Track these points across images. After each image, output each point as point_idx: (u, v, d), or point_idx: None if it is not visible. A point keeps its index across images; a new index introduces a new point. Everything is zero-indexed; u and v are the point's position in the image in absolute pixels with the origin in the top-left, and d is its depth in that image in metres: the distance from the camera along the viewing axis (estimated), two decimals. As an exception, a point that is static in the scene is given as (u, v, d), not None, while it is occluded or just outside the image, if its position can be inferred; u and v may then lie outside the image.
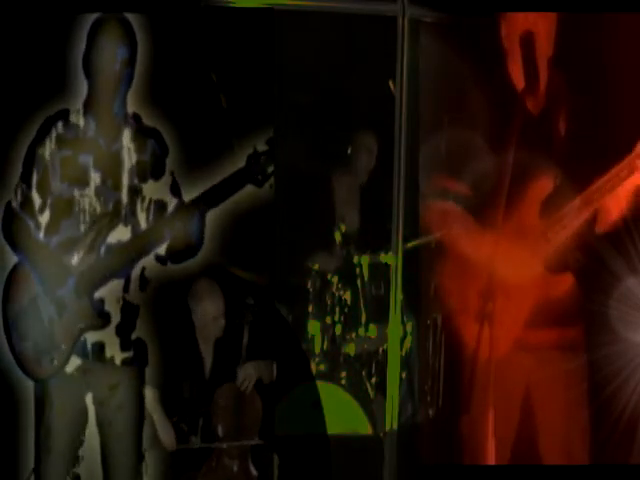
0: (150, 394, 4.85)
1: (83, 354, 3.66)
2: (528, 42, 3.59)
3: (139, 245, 3.67)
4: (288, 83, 5.58)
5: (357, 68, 6.04)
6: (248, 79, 5.22)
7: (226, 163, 3.85)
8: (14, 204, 3.74)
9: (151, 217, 3.75)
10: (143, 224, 3.74)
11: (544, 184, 3.69)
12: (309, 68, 5.89)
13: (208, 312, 5.09)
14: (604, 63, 3.86)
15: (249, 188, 3.69)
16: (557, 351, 3.78)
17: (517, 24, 3.72)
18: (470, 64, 3.77)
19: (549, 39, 3.71)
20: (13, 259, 3.74)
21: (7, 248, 3.77)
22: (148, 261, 3.74)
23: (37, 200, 3.71)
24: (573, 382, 3.79)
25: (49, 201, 3.70)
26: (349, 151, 5.99)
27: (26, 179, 3.72)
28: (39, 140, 3.71)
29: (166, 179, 3.79)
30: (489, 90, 3.73)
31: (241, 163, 3.69)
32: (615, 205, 3.60)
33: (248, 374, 5.01)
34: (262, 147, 3.68)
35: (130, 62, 3.69)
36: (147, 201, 3.75)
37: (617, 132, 3.71)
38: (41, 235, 3.71)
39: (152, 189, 3.76)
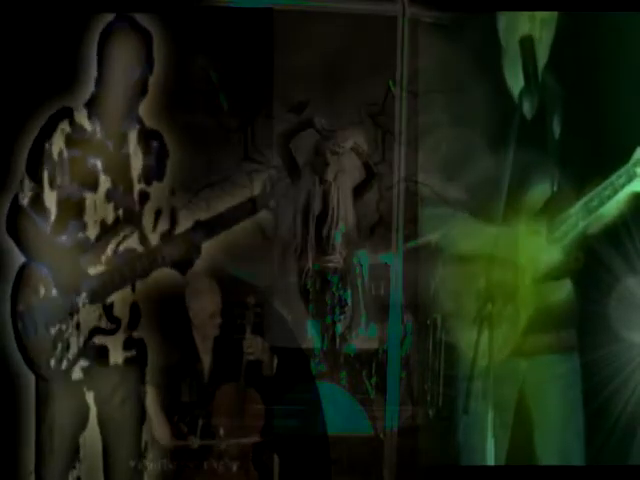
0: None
1: (86, 355, 3.65)
2: (527, 45, 3.58)
3: (152, 258, 3.63)
4: (287, 83, 5.59)
5: (357, 68, 6.04)
6: (248, 79, 5.23)
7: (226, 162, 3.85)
8: (22, 200, 3.65)
9: (156, 221, 3.74)
10: (149, 230, 3.73)
11: (542, 188, 3.69)
12: (308, 68, 5.89)
13: (205, 309, 5.08)
14: (600, 68, 3.88)
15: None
16: (552, 354, 3.78)
17: (516, 26, 3.71)
18: (469, 65, 3.77)
19: (547, 44, 3.71)
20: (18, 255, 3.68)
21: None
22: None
23: (50, 200, 3.64)
24: (568, 384, 3.79)
25: (57, 201, 3.65)
26: (341, 150, 5.99)
27: (34, 175, 3.64)
28: (46, 137, 3.63)
29: (167, 181, 3.79)
30: (487, 91, 3.73)
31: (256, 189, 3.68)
32: (614, 210, 3.61)
33: (255, 341, 5.02)
34: (274, 173, 3.70)
35: (147, 77, 3.64)
36: (153, 205, 3.75)
37: (613, 136, 3.72)
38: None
39: (156, 191, 3.75)
